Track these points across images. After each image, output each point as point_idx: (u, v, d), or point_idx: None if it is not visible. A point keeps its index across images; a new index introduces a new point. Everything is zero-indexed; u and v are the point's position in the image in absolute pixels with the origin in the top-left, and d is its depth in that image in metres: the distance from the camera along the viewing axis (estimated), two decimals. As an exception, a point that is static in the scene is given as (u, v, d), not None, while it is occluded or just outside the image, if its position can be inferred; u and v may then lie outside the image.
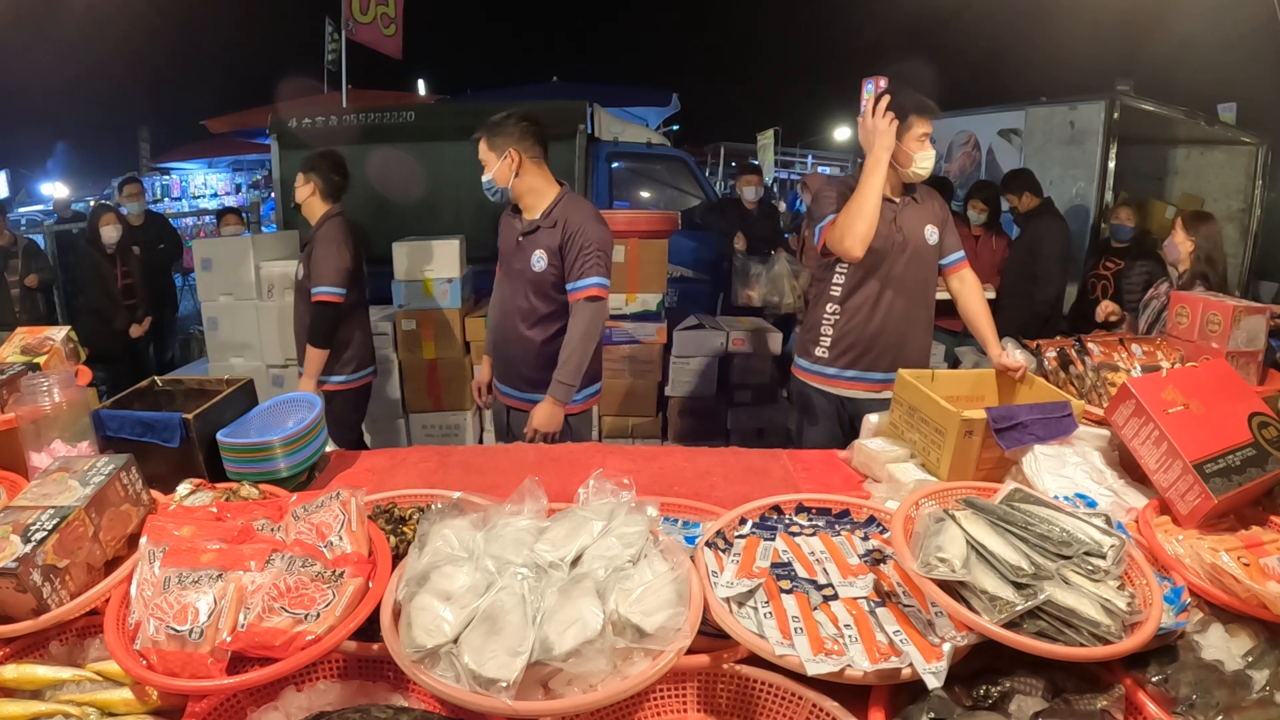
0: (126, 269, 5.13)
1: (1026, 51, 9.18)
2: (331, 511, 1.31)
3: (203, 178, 12.55)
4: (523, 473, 1.49)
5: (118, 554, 1.33)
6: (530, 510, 1.32)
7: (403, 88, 12.19)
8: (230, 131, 10.18)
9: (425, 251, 4.09)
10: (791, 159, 18.68)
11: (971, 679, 1.11)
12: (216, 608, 1.12)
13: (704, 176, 6.98)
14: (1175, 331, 2.22)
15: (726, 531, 1.37)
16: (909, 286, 2.48)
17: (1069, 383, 2.09)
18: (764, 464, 1.98)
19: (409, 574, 1.19)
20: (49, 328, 1.97)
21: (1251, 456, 1.45)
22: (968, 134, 6.44)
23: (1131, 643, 1.08)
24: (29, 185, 12.51)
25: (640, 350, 4.10)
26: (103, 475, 1.35)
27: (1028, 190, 4.70)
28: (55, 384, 1.65)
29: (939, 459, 1.76)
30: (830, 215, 2.39)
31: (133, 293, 5.17)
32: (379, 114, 5.19)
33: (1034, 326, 4.06)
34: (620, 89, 9.92)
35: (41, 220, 8.99)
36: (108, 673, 1.18)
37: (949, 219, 2.57)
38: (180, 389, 1.94)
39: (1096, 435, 1.78)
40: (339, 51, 6.99)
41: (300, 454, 1.74)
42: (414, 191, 5.12)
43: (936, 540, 1.19)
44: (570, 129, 5.05)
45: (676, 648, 1.08)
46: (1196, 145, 5.79)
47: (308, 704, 1.16)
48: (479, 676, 1.02)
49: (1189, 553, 1.32)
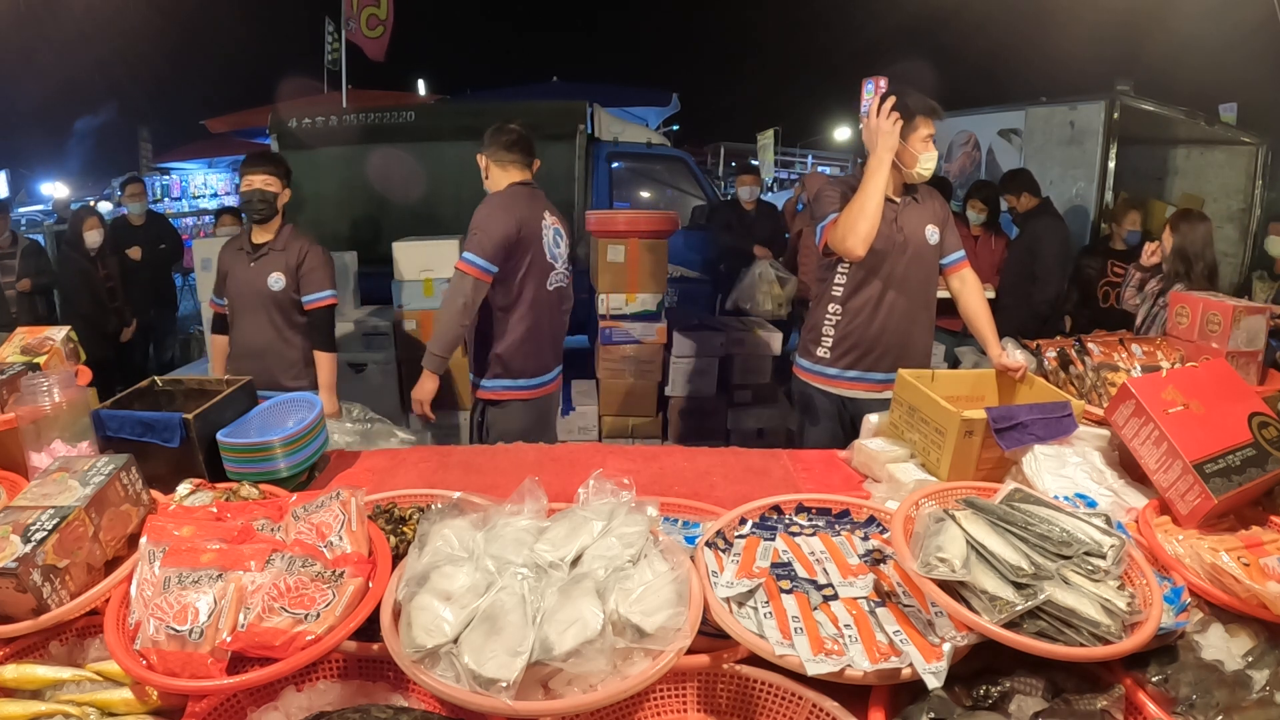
0: (108, 272, 5.09)
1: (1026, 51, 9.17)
2: (331, 511, 1.31)
3: (203, 178, 12.56)
4: (523, 473, 1.49)
5: (118, 554, 1.33)
6: (530, 510, 1.32)
7: (403, 88, 12.20)
8: (230, 131, 10.19)
9: (425, 251, 4.09)
10: (791, 159, 18.71)
11: (971, 679, 1.11)
12: (216, 608, 1.12)
13: (704, 176, 6.98)
14: (1175, 331, 2.22)
15: (726, 531, 1.37)
16: (910, 287, 2.48)
17: (1069, 383, 2.09)
18: (764, 464, 1.98)
19: (409, 574, 1.19)
20: (49, 328, 1.97)
21: (1251, 456, 1.45)
22: (968, 134, 6.45)
23: (1131, 643, 1.08)
24: (29, 185, 12.50)
25: (640, 350, 4.09)
26: (103, 475, 1.35)
27: (1026, 190, 4.70)
28: (55, 384, 1.65)
29: (939, 459, 1.76)
30: (832, 214, 2.39)
31: (116, 295, 5.14)
32: (379, 114, 5.19)
33: (1033, 326, 4.06)
34: (620, 89, 9.92)
35: (41, 220, 8.99)
36: (108, 673, 1.18)
37: (950, 219, 2.58)
38: (180, 389, 1.94)
39: (1096, 435, 1.78)
40: (339, 51, 7.00)
41: (300, 454, 1.74)
42: (414, 191, 5.12)
43: (936, 540, 1.19)
44: (570, 129, 5.06)
45: (676, 648, 1.08)
46: (1196, 145, 5.79)
47: (308, 704, 1.16)
48: (479, 676, 1.02)
49: (1189, 553, 1.32)
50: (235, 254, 2.88)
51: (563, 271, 2.80)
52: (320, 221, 4.82)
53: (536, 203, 2.70)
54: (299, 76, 8.18)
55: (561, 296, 2.83)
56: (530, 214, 2.63)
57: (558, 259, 2.76)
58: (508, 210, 2.58)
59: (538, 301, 2.68)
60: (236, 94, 11.23)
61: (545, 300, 2.72)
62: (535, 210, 2.67)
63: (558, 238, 2.77)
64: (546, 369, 2.79)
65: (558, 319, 2.84)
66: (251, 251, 2.83)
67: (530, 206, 2.65)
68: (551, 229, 2.74)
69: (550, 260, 2.72)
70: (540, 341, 2.73)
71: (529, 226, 2.62)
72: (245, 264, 2.84)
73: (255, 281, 2.81)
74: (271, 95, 8.00)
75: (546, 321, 2.75)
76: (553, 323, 2.80)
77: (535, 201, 2.69)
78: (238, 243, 2.90)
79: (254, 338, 2.86)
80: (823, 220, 2.44)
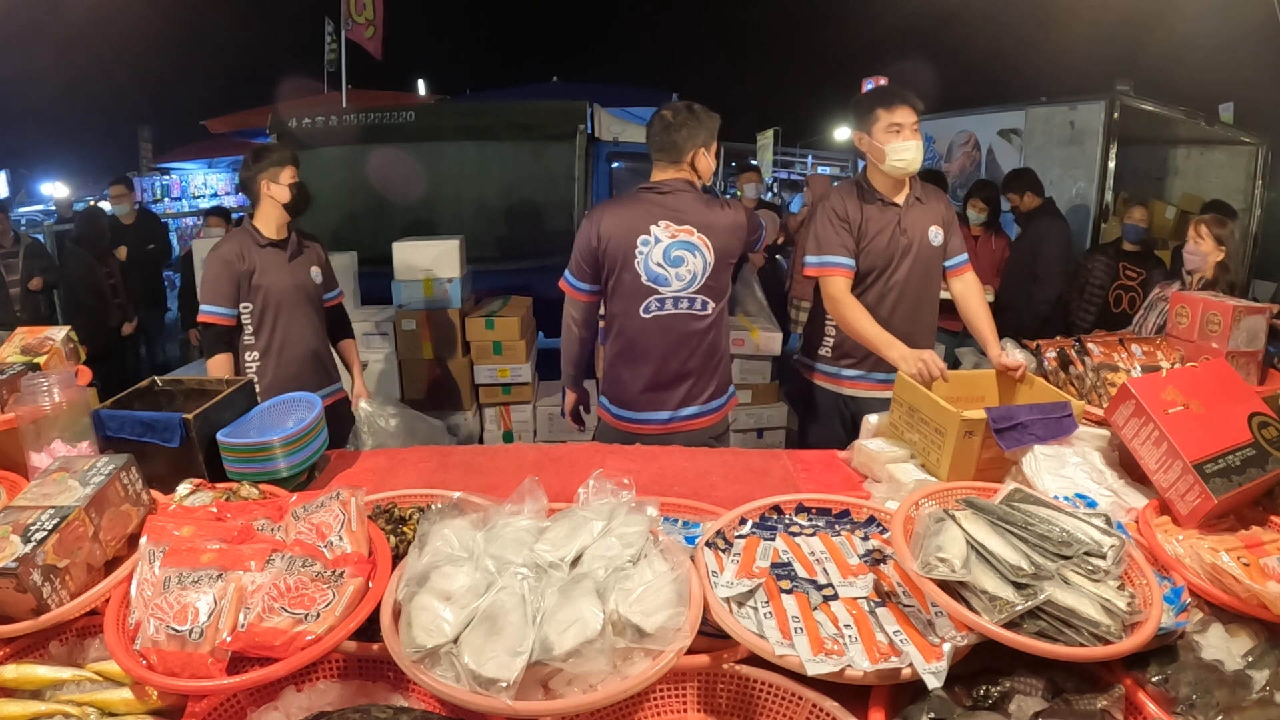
0: (109, 269, 5.20)
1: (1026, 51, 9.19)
2: (331, 511, 1.31)
3: (203, 178, 12.57)
4: (523, 473, 1.49)
5: (118, 554, 1.33)
6: (530, 510, 1.32)
7: (403, 88, 12.21)
8: (230, 132, 10.19)
9: (425, 251, 4.09)
10: (791, 159, 18.69)
11: (971, 679, 1.11)
12: (216, 608, 1.12)
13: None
14: (1175, 331, 2.22)
15: (726, 531, 1.37)
16: (912, 289, 2.49)
17: (1069, 383, 2.09)
18: (764, 464, 1.97)
19: (409, 574, 1.19)
20: (49, 328, 1.97)
21: (1251, 456, 1.45)
22: (968, 134, 6.45)
23: (1131, 643, 1.08)
24: (29, 185, 12.51)
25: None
26: (103, 475, 1.35)
27: (1029, 190, 4.70)
28: (55, 384, 1.65)
29: (939, 459, 1.76)
30: (828, 259, 2.42)
31: (118, 291, 5.26)
32: (379, 114, 5.19)
33: (1034, 326, 4.06)
34: (620, 89, 9.90)
35: (42, 220, 8.99)
36: (108, 673, 1.18)
37: (954, 221, 2.57)
38: (180, 389, 1.94)
39: (1096, 435, 1.78)
40: (339, 51, 7.00)
41: (300, 454, 1.74)
42: (414, 191, 5.12)
43: (936, 540, 1.19)
44: (570, 129, 5.05)
45: (676, 648, 1.08)
46: (1196, 145, 5.79)
47: (308, 704, 1.16)
48: (479, 676, 1.02)
49: (1189, 553, 1.31)
50: (262, 252, 2.61)
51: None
52: (320, 221, 4.81)
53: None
54: (299, 76, 8.19)
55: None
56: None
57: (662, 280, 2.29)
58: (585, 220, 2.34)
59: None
60: (236, 94, 11.25)
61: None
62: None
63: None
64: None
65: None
66: (285, 248, 2.66)
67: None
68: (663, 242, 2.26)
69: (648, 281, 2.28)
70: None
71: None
72: (282, 261, 2.64)
73: (299, 276, 2.67)
74: (271, 95, 8.01)
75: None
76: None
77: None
78: (252, 240, 2.61)
79: (307, 338, 2.71)
80: (817, 258, 2.45)
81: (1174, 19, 6.19)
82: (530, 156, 5.24)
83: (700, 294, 2.30)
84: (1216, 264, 2.92)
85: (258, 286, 2.61)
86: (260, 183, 2.62)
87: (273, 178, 2.61)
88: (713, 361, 2.41)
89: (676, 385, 2.37)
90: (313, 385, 2.67)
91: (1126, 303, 4.30)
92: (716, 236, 2.28)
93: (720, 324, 2.40)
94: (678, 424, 2.40)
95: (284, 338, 2.68)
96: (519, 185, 5.29)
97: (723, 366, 2.46)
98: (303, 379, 2.67)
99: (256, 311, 2.64)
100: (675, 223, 2.25)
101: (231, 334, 2.63)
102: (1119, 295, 4.38)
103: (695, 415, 2.41)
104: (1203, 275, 2.96)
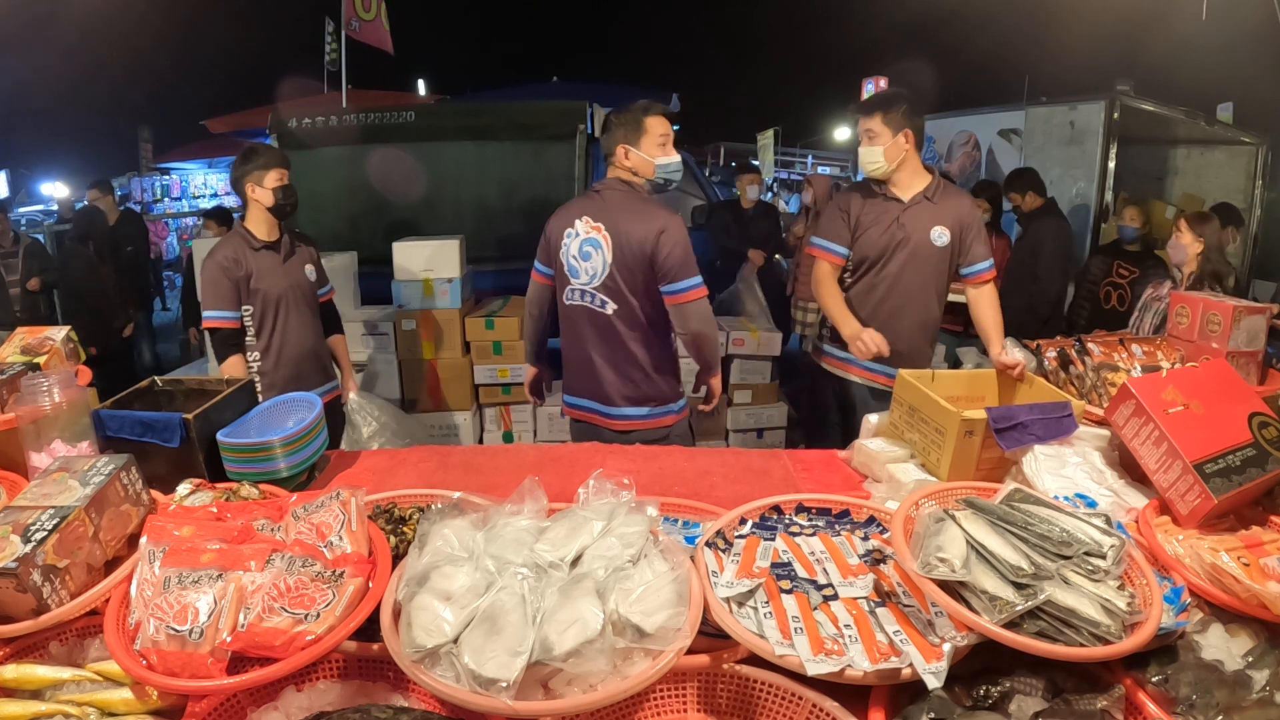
0: (108, 269, 5.24)
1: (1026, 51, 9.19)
2: (331, 511, 1.31)
3: (203, 178, 12.56)
4: (523, 473, 1.49)
5: (118, 554, 1.33)
6: (530, 510, 1.32)
7: (403, 88, 12.19)
8: (230, 132, 10.17)
9: (425, 251, 4.09)
10: (791, 159, 18.70)
11: (971, 679, 1.11)
12: (216, 608, 1.12)
13: (704, 176, 6.97)
14: (1175, 331, 2.22)
15: (726, 531, 1.37)
16: (904, 285, 2.51)
17: (1069, 383, 2.09)
18: (764, 464, 1.98)
19: (409, 574, 1.19)
20: (49, 328, 1.97)
21: (1251, 456, 1.45)
22: (968, 134, 6.45)
23: (1131, 643, 1.08)
24: (29, 185, 12.51)
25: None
26: (103, 475, 1.35)
27: (1031, 190, 4.69)
28: (55, 384, 1.65)
29: (939, 459, 1.76)
30: (828, 243, 2.63)
31: (119, 291, 5.29)
32: (379, 114, 5.18)
33: (1034, 326, 4.06)
34: (620, 89, 9.91)
35: (42, 220, 8.98)
36: (108, 673, 1.18)
37: (975, 226, 2.55)
38: (180, 389, 1.94)
39: (1096, 435, 1.78)
40: (339, 51, 6.99)
41: (300, 454, 1.74)
42: (414, 191, 5.11)
43: (936, 540, 1.19)
44: (570, 129, 5.05)
45: (676, 648, 1.08)
46: (1196, 145, 5.79)
47: (308, 704, 1.16)
48: (479, 676, 1.02)
49: (1189, 553, 1.31)
50: (257, 255, 2.63)
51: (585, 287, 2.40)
52: (320, 221, 4.81)
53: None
54: (299, 76, 8.18)
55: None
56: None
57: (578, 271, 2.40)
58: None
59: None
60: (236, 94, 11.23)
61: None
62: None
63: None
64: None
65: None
66: (279, 249, 2.68)
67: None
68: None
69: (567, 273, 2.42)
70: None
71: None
72: (277, 263, 2.66)
73: (295, 276, 2.70)
74: (271, 95, 7.99)
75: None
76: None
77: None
78: (245, 244, 2.63)
79: (306, 337, 2.74)
80: (816, 240, 2.68)
81: (1174, 19, 6.19)
82: (530, 156, 5.23)
83: (600, 291, 2.36)
84: (1197, 254, 3.12)
85: (256, 290, 2.64)
86: (245, 185, 2.65)
87: (257, 181, 2.63)
88: (628, 366, 2.39)
89: (589, 374, 2.44)
90: (313, 383, 2.72)
91: (1115, 299, 4.35)
92: (621, 242, 2.30)
93: (639, 332, 2.36)
94: (604, 419, 2.45)
95: (284, 338, 2.71)
96: (519, 185, 5.28)
97: (648, 378, 2.41)
98: (303, 378, 2.72)
99: (257, 314, 2.67)
100: (592, 219, 2.35)
101: (239, 336, 2.65)
102: (1108, 292, 4.44)
103: (622, 416, 2.43)
104: (1191, 270, 3.14)
